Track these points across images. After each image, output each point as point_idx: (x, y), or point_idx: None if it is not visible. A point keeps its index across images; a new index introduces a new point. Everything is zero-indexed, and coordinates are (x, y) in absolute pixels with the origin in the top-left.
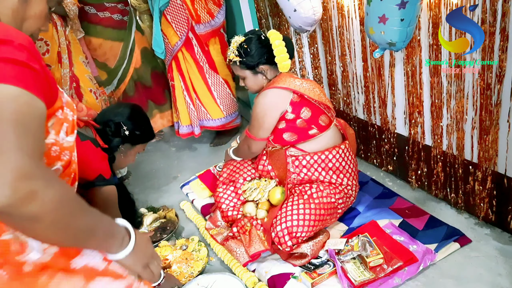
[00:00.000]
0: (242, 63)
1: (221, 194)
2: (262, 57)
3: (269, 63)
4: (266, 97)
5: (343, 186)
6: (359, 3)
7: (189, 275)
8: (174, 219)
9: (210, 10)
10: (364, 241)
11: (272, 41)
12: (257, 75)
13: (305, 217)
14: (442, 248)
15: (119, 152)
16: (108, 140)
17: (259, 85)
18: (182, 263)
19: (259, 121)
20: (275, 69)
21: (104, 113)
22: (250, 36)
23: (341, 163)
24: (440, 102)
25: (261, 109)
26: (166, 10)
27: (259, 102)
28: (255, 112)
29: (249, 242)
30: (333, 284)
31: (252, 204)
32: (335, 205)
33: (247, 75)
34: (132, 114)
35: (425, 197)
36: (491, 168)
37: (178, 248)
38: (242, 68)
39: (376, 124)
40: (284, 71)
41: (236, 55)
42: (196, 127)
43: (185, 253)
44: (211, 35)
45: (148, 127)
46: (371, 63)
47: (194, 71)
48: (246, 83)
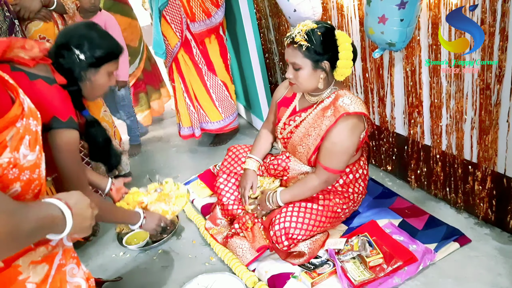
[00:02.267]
0: (308, 50)
1: (222, 186)
2: (328, 52)
3: (331, 64)
4: (355, 126)
5: (354, 195)
6: (359, 3)
7: (173, 212)
8: (174, 219)
9: (207, 9)
10: (364, 240)
11: (342, 42)
12: (317, 71)
13: (304, 221)
14: (441, 248)
15: (84, 81)
16: (68, 73)
17: (313, 83)
18: (160, 203)
19: (350, 152)
20: (331, 73)
21: (54, 45)
22: (323, 25)
23: (360, 174)
24: (439, 102)
25: (351, 141)
26: (165, 10)
27: (348, 133)
28: (345, 144)
29: (253, 238)
30: (333, 283)
31: (254, 202)
32: (339, 215)
33: (306, 66)
34: (82, 34)
35: (425, 197)
36: (491, 168)
37: (153, 192)
38: (306, 56)
39: (376, 124)
40: (340, 79)
41: (304, 39)
42: (196, 128)
43: (161, 194)
44: (205, 34)
45: (107, 41)
46: (370, 63)
47: (193, 73)
48: (300, 74)
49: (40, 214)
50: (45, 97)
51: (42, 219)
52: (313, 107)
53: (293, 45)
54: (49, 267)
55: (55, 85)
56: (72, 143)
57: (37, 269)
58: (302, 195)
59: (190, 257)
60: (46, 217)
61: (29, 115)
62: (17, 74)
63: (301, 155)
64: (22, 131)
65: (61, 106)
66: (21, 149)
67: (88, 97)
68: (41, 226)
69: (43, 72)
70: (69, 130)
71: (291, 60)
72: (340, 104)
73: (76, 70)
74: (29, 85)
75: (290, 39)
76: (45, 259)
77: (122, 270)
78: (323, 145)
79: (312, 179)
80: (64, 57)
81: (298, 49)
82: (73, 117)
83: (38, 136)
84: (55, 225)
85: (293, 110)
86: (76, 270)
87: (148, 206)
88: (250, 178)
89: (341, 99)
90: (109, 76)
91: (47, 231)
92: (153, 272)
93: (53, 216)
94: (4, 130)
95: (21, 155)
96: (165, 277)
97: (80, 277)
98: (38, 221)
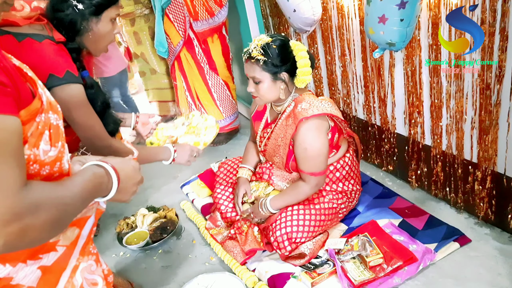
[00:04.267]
0: (265, 63)
1: (219, 196)
2: (286, 63)
3: (289, 74)
4: (318, 127)
5: (347, 192)
6: (359, 3)
7: (204, 142)
8: (174, 219)
9: (210, 8)
10: (364, 240)
11: (297, 51)
12: (276, 82)
13: (305, 223)
14: (441, 248)
15: (87, 33)
16: (70, 28)
17: (275, 94)
18: (191, 135)
19: (323, 152)
20: (291, 82)
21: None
22: (278, 38)
23: (347, 171)
24: (439, 102)
25: (320, 142)
26: (168, 9)
27: (313, 136)
28: (315, 147)
29: (245, 241)
30: (333, 283)
31: (249, 206)
32: (336, 210)
33: (266, 79)
34: None
35: (425, 196)
36: (491, 168)
37: (181, 126)
38: (264, 69)
39: (376, 124)
40: (301, 86)
41: (260, 53)
42: None
43: (190, 127)
44: (208, 33)
45: None
46: (371, 63)
47: (194, 72)
48: (260, 88)
49: (84, 184)
50: (36, 56)
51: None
52: (278, 117)
53: (251, 60)
54: (79, 231)
55: (46, 40)
56: (76, 97)
57: (67, 233)
58: (296, 201)
59: (190, 257)
60: (91, 181)
61: (48, 109)
62: (5, 37)
63: (278, 164)
64: (41, 126)
65: (54, 61)
66: (41, 145)
67: (94, 51)
68: (89, 194)
69: (34, 31)
70: (70, 86)
71: (251, 75)
72: (299, 110)
73: (77, 22)
74: (18, 47)
75: (247, 55)
76: (76, 222)
77: (122, 270)
78: (296, 153)
79: (302, 186)
80: (62, 10)
81: (256, 63)
82: (72, 71)
83: (59, 130)
84: (102, 188)
85: (265, 123)
86: (94, 267)
87: (178, 140)
88: (243, 186)
89: (299, 105)
90: (112, 23)
91: (96, 195)
92: (153, 272)
93: (99, 178)
94: (27, 123)
95: (41, 151)
96: (165, 277)
97: (98, 275)
98: (83, 191)
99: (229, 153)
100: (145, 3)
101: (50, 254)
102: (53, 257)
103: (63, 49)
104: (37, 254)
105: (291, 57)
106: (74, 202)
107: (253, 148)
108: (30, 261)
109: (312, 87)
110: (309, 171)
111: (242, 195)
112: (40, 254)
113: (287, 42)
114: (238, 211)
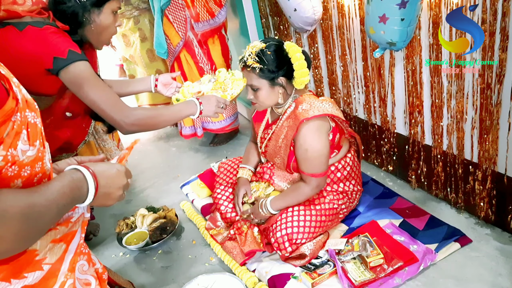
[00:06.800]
0: (262, 71)
1: (219, 196)
2: (282, 68)
3: (287, 77)
4: (318, 128)
5: (348, 192)
6: (359, 2)
7: (232, 95)
8: (174, 219)
9: (210, 9)
10: (365, 241)
11: (293, 53)
12: (274, 88)
13: (305, 224)
14: (442, 248)
15: (89, 25)
16: (71, 20)
17: (274, 99)
18: (218, 91)
19: (324, 153)
20: (290, 84)
21: None
22: (271, 43)
23: (348, 172)
24: (440, 102)
25: (321, 143)
26: (167, 10)
27: (314, 137)
28: (316, 148)
29: (244, 242)
30: (333, 284)
31: (249, 206)
32: (337, 211)
33: (263, 86)
34: None
35: (425, 197)
36: (491, 168)
37: (207, 82)
38: (261, 77)
39: (376, 124)
40: (300, 88)
41: (256, 61)
42: (198, 128)
43: (216, 83)
44: (209, 34)
45: None
46: (371, 63)
47: (194, 73)
48: (259, 95)
49: (60, 189)
50: (38, 42)
51: (65, 193)
52: (279, 119)
53: (247, 69)
54: (66, 246)
55: (46, 26)
56: (84, 72)
57: (54, 249)
58: (296, 202)
59: (190, 258)
60: (68, 186)
61: (24, 107)
62: (6, 29)
63: (279, 165)
64: (17, 125)
65: (56, 43)
66: (19, 145)
67: (97, 43)
68: (66, 200)
69: (35, 20)
70: (75, 64)
71: (248, 83)
72: (299, 111)
73: (79, 14)
74: (20, 36)
75: (242, 63)
76: (63, 237)
77: (122, 270)
78: (297, 154)
79: (303, 187)
80: (64, 2)
81: (252, 71)
82: (74, 49)
83: (37, 128)
84: (81, 193)
85: (266, 124)
86: (86, 267)
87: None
88: (243, 186)
89: (300, 106)
90: (114, 15)
91: (74, 201)
92: (153, 272)
93: (77, 182)
94: (3, 125)
95: (19, 151)
96: (165, 277)
97: (91, 275)
98: (60, 198)
99: (229, 153)
100: (135, 4)
101: (36, 273)
102: (39, 276)
103: (62, 32)
104: (21, 273)
105: (287, 60)
106: (48, 210)
107: (254, 148)
108: (14, 280)
109: (313, 87)
110: (310, 172)
111: (242, 196)
112: (25, 272)
113: (281, 45)
114: (238, 211)
